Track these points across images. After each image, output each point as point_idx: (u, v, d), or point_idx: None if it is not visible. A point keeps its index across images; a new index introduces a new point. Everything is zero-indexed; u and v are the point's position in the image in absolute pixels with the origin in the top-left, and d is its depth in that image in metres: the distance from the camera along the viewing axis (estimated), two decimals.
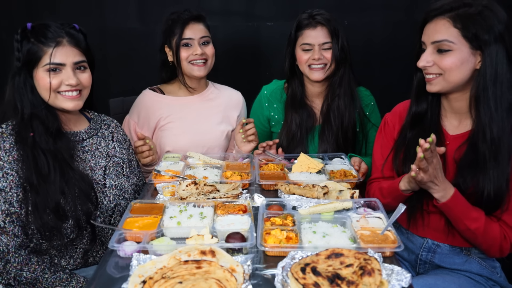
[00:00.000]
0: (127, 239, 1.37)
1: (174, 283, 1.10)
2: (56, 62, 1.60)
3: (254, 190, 1.80)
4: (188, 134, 2.28)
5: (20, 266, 1.51)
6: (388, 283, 1.13)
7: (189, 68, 2.22)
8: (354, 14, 2.95)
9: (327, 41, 2.15)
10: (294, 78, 2.30)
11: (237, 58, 3.07)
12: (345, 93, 2.22)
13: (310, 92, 2.32)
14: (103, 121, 1.90)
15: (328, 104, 2.27)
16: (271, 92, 2.37)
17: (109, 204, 1.74)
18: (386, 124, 1.89)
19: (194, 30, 2.19)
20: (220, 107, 2.39)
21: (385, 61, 3.02)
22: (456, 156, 1.62)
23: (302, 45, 2.17)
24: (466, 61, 1.52)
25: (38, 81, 1.61)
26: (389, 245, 1.30)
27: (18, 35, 1.60)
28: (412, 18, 2.91)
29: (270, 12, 2.99)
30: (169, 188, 1.74)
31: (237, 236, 1.33)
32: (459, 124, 1.69)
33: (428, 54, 1.57)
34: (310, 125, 2.27)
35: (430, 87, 1.61)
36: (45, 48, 1.59)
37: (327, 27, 2.15)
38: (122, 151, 1.90)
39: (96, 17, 2.94)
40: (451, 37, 1.51)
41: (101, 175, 1.75)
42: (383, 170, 1.82)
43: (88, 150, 1.76)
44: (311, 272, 1.14)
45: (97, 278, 1.25)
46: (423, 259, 1.75)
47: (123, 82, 2.96)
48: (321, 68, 2.17)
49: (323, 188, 1.66)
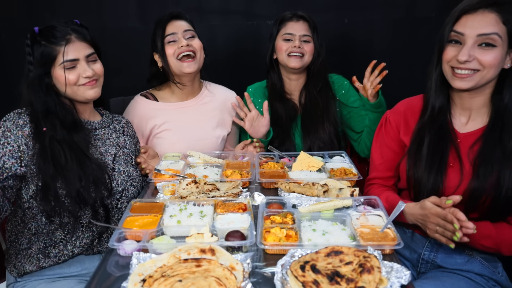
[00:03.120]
0: (127, 238, 1.38)
1: (174, 281, 1.10)
2: (70, 59, 1.68)
3: (254, 189, 1.80)
4: (183, 141, 2.24)
5: None
6: (388, 281, 1.13)
7: (178, 65, 2.16)
8: (354, 12, 2.94)
9: (307, 34, 2.29)
10: (273, 72, 2.41)
11: (237, 57, 3.06)
12: (321, 85, 2.35)
13: (288, 86, 2.42)
14: (114, 117, 1.99)
15: (305, 95, 2.37)
16: (254, 89, 2.48)
17: (117, 188, 1.77)
18: (388, 123, 1.84)
19: (176, 26, 2.17)
20: (215, 111, 2.35)
21: (385, 59, 3.01)
22: (470, 155, 1.58)
23: (283, 35, 2.29)
24: (502, 59, 1.49)
25: (57, 78, 1.68)
26: (388, 243, 1.30)
27: (28, 39, 1.67)
28: (412, 16, 2.91)
29: (270, 11, 2.98)
30: (169, 187, 1.74)
31: (236, 235, 1.33)
32: (467, 121, 1.65)
33: (470, 47, 1.47)
34: (293, 113, 2.37)
35: (461, 84, 1.53)
36: (57, 47, 1.66)
37: (308, 23, 2.30)
38: (131, 144, 1.97)
39: (96, 17, 2.94)
40: (501, 32, 1.45)
41: (110, 161, 1.81)
42: (382, 170, 1.82)
43: (99, 138, 1.83)
44: (310, 270, 1.14)
45: (97, 276, 1.25)
46: (425, 258, 1.74)
47: (123, 82, 2.96)
48: (299, 57, 2.27)
49: (323, 186, 1.66)
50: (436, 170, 1.60)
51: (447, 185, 1.60)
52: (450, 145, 1.62)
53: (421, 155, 1.65)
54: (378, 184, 1.86)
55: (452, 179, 1.59)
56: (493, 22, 1.45)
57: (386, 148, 1.83)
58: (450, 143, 1.62)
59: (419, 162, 1.65)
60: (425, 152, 1.64)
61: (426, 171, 1.62)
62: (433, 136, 1.64)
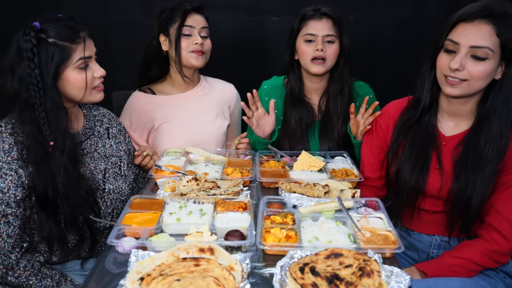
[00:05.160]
0: (126, 234, 1.37)
1: (172, 280, 1.10)
2: (87, 56, 1.55)
3: (255, 188, 1.79)
4: (183, 133, 2.24)
5: (5, 269, 1.49)
6: (387, 285, 1.13)
7: (188, 56, 2.16)
8: (359, 11, 2.92)
9: (331, 33, 2.12)
10: (293, 73, 2.28)
11: (241, 52, 3.05)
12: (342, 89, 2.23)
13: (308, 88, 2.30)
14: (95, 117, 1.83)
15: (326, 100, 2.26)
16: (271, 87, 2.36)
17: (106, 210, 1.74)
18: (378, 126, 1.88)
19: (196, 20, 2.15)
20: (214, 102, 2.35)
21: (390, 58, 3.00)
22: (454, 156, 1.63)
23: (305, 36, 2.14)
24: (493, 71, 1.51)
25: (70, 80, 1.54)
26: (389, 246, 1.29)
27: (31, 37, 1.44)
28: (417, 15, 2.89)
29: (275, 7, 2.97)
30: (170, 184, 1.73)
31: (236, 234, 1.32)
32: (455, 125, 1.69)
33: (462, 56, 1.50)
34: (310, 120, 2.26)
35: (451, 90, 1.56)
36: (74, 45, 1.52)
37: (332, 20, 2.13)
38: (118, 146, 1.87)
39: (100, 10, 2.93)
40: (492, 46, 1.47)
41: (101, 180, 1.73)
42: (372, 171, 1.87)
43: (87, 153, 1.73)
44: (309, 272, 1.13)
45: (95, 273, 1.25)
46: (435, 256, 1.75)
47: (126, 75, 2.94)
48: (321, 62, 2.14)
49: (324, 187, 1.65)
50: (418, 171, 1.67)
51: (429, 186, 1.66)
52: (434, 147, 1.67)
53: (404, 155, 1.71)
54: (368, 186, 1.90)
55: (435, 181, 1.65)
56: (487, 35, 1.47)
57: (377, 149, 1.87)
58: (434, 145, 1.67)
59: (402, 162, 1.71)
60: (408, 152, 1.70)
61: (408, 171, 1.68)
62: (418, 136, 1.69)
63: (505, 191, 1.55)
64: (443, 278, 1.56)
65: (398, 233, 1.56)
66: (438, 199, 1.68)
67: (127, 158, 1.90)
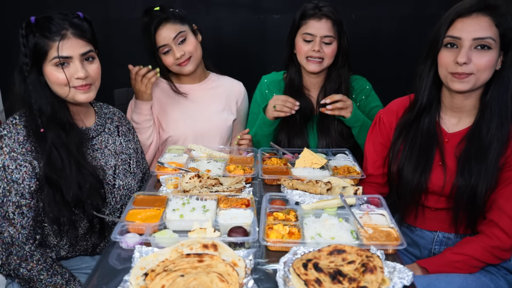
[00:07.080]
0: (130, 231, 1.38)
1: (176, 276, 1.10)
2: (63, 56, 1.55)
3: (257, 185, 1.80)
4: (188, 121, 2.28)
5: (19, 260, 1.51)
6: (390, 281, 1.13)
7: (177, 69, 2.24)
8: (361, 8, 2.92)
9: (329, 34, 2.11)
10: (292, 66, 2.29)
11: (243, 50, 3.05)
12: (339, 88, 2.24)
13: (306, 82, 2.32)
14: (106, 114, 1.87)
15: (323, 96, 2.26)
16: (270, 81, 2.37)
17: (115, 205, 1.75)
18: (381, 122, 1.87)
19: (163, 36, 2.13)
20: (222, 96, 2.40)
21: (392, 55, 3.00)
22: (457, 152, 1.64)
23: (303, 35, 2.14)
24: (495, 61, 1.53)
25: (48, 76, 1.57)
26: (391, 243, 1.30)
27: (23, 29, 1.54)
28: (419, 13, 2.89)
29: (277, 5, 2.97)
30: (172, 181, 1.74)
31: (239, 230, 1.33)
32: (458, 122, 1.69)
33: (467, 50, 1.51)
34: (308, 112, 2.27)
35: (460, 86, 1.55)
36: (50, 42, 1.53)
37: (332, 21, 2.11)
38: (128, 144, 1.89)
39: (102, 7, 2.92)
40: (494, 36, 1.49)
41: (111, 175, 1.75)
42: (375, 168, 1.87)
43: (97, 148, 1.75)
44: (313, 268, 1.14)
45: (99, 269, 1.25)
46: (436, 252, 1.76)
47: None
48: (318, 61, 2.15)
49: (326, 184, 1.65)
50: (421, 170, 1.67)
51: (432, 183, 1.66)
52: (437, 145, 1.67)
53: (404, 156, 1.71)
54: (370, 183, 1.90)
55: (438, 178, 1.66)
56: (487, 26, 1.49)
57: (381, 146, 1.87)
58: (437, 143, 1.67)
59: (403, 162, 1.71)
60: (408, 153, 1.70)
61: (410, 171, 1.69)
62: (418, 136, 1.69)
63: (506, 187, 1.56)
64: (445, 274, 1.56)
65: (400, 230, 1.56)
66: (441, 195, 1.68)
67: (135, 156, 1.91)
